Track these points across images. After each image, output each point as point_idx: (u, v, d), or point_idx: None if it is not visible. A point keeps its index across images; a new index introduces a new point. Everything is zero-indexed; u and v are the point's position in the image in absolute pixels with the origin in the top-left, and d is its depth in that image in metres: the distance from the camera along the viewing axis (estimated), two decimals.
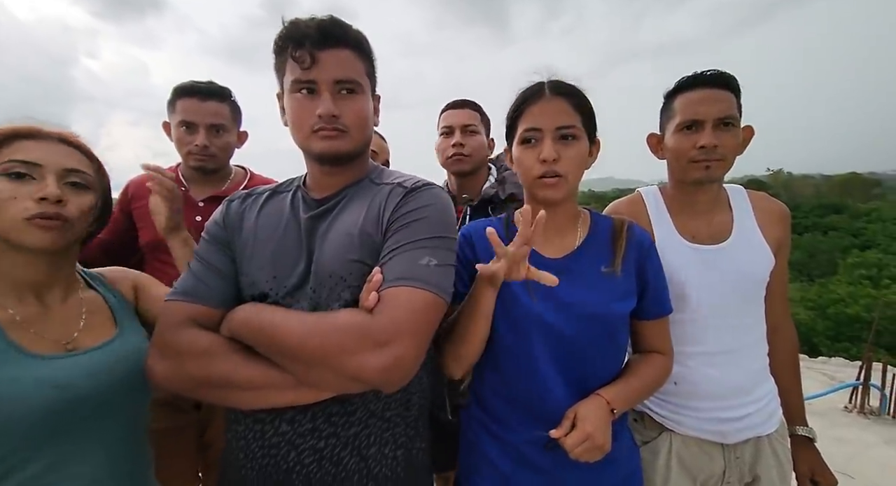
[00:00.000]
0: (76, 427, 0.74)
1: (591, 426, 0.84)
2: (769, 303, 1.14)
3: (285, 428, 0.78)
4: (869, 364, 3.89)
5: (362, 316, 0.70)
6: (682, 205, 1.15)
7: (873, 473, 2.84)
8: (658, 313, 0.98)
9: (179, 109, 1.39)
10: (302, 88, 0.82)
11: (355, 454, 0.80)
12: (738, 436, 1.07)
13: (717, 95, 1.05)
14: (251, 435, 0.80)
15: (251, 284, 0.83)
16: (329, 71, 0.80)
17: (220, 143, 1.42)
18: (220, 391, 0.75)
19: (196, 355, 0.74)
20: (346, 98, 0.83)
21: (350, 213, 0.84)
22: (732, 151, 1.06)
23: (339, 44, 0.81)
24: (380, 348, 0.67)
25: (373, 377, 0.68)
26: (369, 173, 0.92)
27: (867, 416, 3.76)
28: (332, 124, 0.81)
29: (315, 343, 0.69)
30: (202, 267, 0.85)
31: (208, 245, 0.88)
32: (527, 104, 0.93)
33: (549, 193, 0.91)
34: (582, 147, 0.92)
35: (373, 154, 1.64)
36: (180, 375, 0.75)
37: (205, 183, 1.46)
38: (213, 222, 0.91)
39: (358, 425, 0.80)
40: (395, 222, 0.80)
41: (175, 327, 0.77)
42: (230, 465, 0.84)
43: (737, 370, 1.08)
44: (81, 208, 0.81)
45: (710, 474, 1.10)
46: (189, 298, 0.81)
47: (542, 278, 0.78)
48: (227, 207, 0.92)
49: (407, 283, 0.72)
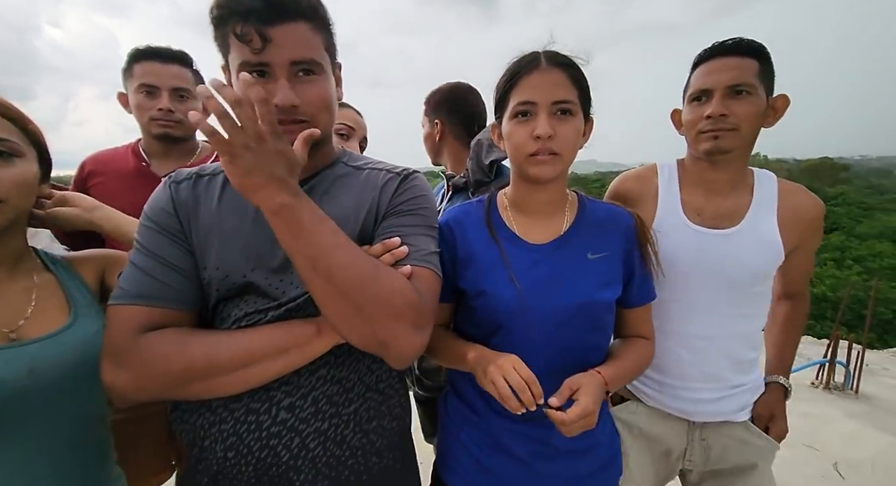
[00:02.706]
0: (8, 428, 0.67)
1: (592, 401, 0.79)
2: (787, 277, 1.17)
3: (284, 415, 0.73)
4: (836, 342, 4.06)
5: (414, 290, 0.69)
6: (694, 181, 1.10)
7: (836, 444, 2.98)
8: (642, 300, 0.96)
9: (138, 73, 1.28)
10: (252, 72, 0.69)
11: (357, 431, 0.78)
12: (703, 416, 1.07)
13: (730, 63, 0.99)
14: (244, 429, 0.73)
15: (224, 278, 0.74)
16: (283, 52, 0.69)
17: (185, 109, 1.31)
18: (201, 383, 0.67)
19: (167, 352, 0.66)
20: (305, 81, 0.72)
21: (337, 198, 0.79)
22: (748, 121, 0.98)
23: (292, 16, 0.69)
24: (420, 330, 0.70)
25: (402, 353, 0.69)
26: (341, 156, 0.86)
27: (832, 391, 3.94)
28: (291, 116, 0.71)
29: (372, 291, 0.65)
30: (153, 262, 0.73)
31: (158, 236, 0.75)
32: (521, 75, 0.85)
33: (543, 171, 0.85)
34: (578, 124, 0.86)
35: (349, 130, 1.55)
36: (150, 381, 0.66)
37: (167, 157, 1.35)
38: (160, 209, 0.77)
39: (357, 400, 0.79)
40: (399, 206, 0.79)
41: (131, 335, 0.67)
42: (207, 472, 0.76)
43: (712, 357, 1.06)
44: (15, 182, 0.71)
45: (668, 447, 1.10)
46: (143, 300, 0.70)
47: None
48: (174, 191, 0.79)
49: (429, 266, 0.74)
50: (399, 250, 0.73)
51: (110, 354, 0.68)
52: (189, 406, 0.77)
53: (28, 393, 0.69)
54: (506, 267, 0.89)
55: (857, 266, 23.57)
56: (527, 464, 0.89)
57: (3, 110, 0.72)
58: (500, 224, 0.95)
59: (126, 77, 1.31)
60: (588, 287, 0.88)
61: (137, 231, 0.77)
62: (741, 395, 1.08)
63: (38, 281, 0.79)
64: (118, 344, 0.68)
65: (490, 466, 0.91)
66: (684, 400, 1.07)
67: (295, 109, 0.72)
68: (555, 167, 0.85)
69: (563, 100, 0.83)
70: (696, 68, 1.05)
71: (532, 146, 0.84)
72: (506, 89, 0.89)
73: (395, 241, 0.73)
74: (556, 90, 0.83)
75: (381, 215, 0.79)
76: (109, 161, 1.35)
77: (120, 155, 1.36)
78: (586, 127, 0.90)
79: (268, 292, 0.74)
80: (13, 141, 0.72)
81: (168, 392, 0.68)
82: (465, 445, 0.94)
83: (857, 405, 3.68)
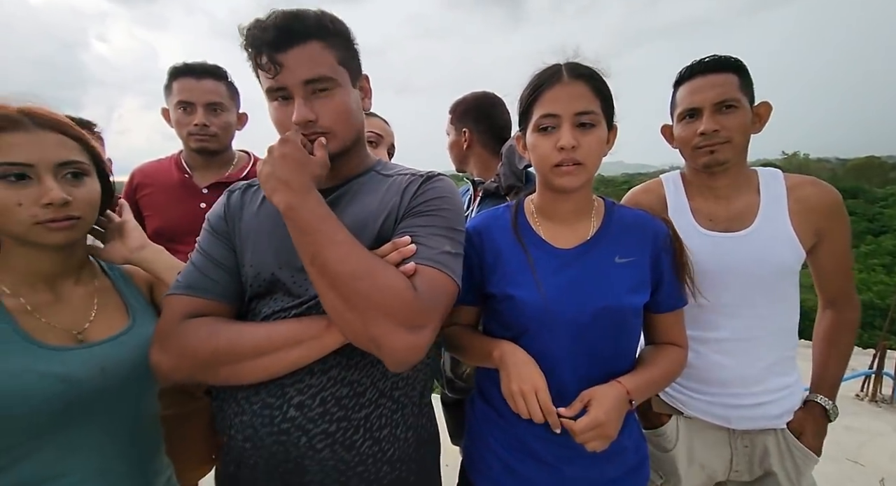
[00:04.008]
0: (83, 420, 0.74)
1: (603, 413, 0.81)
2: (822, 280, 1.13)
3: (294, 413, 0.77)
4: (883, 352, 3.83)
5: (409, 288, 0.70)
6: (700, 190, 1.13)
7: (883, 461, 2.82)
8: (673, 305, 0.95)
9: (176, 91, 1.36)
10: (276, 97, 0.80)
11: (368, 437, 0.80)
12: (745, 424, 1.05)
13: (713, 81, 1.04)
14: (259, 422, 0.78)
15: (256, 275, 0.82)
16: (295, 73, 0.76)
17: (220, 122, 1.39)
18: (226, 367, 0.74)
19: (199, 337, 0.74)
20: (322, 97, 0.79)
21: (362, 203, 0.83)
22: (739, 132, 1.04)
23: (301, 38, 0.76)
24: (415, 330, 0.69)
25: (395, 353, 0.69)
26: (374, 165, 0.91)
27: (879, 404, 3.72)
28: (310, 130, 0.79)
29: (364, 286, 0.68)
30: (205, 260, 0.84)
31: (210, 237, 0.87)
32: (543, 88, 0.88)
33: (568, 181, 0.87)
34: (601, 134, 0.87)
35: (377, 137, 1.61)
36: (185, 361, 0.75)
37: (207, 168, 1.44)
38: (215, 214, 0.90)
39: (368, 406, 0.80)
40: (417, 207, 0.80)
41: (177, 321, 0.77)
42: (233, 460, 0.83)
43: (748, 360, 1.05)
44: (88, 200, 0.79)
45: (717, 462, 1.09)
46: (191, 291, 0.80)
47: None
48: (227, 199, 0.91)
49: (437, 266, 0.74)
50: (407, 248, 0.74)
51: (158, 337, 0.78)
52: (223, 395, 0.84)
53: (102, 390, 0.76)
54: (531, 272, 0.90)
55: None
56: (553, 467, 0.90)
57: (70, 130, 0.78)
58: (527, 229, 0.97)
59: (167, 94, 1.40)
60: (615, 291, 0.88)
61: (200, 233, 0.89)
62: (782, 400, 1.07)
63: (98, 286, 0.87)
64: (164, 328, 0.78)
65: (517, 468, 0.93)
66: (725, 406, 1.06)
67: (312, 123, 0.78)
68: (579, 177, 0.87)
69: (586, 110, 0.85)
70: (679, 87, 1.11)
71: (556, 157, 0.86)
72: (529, 102, 0.91)
73: (405, 240, 0.75)
74: (579, 102, 0.85)
75: (401, 217, 0.81)
76: (155, 173, 1.45)
77: (164, 167, 1.46)
78: (610, 135, 0.92)
79: (292, 290, 0.80)
80: (81, 161, 0.79)
81: (199, 374, 0.76)
82: (492, 448, 0.96)
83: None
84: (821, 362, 1.14)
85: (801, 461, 1.07)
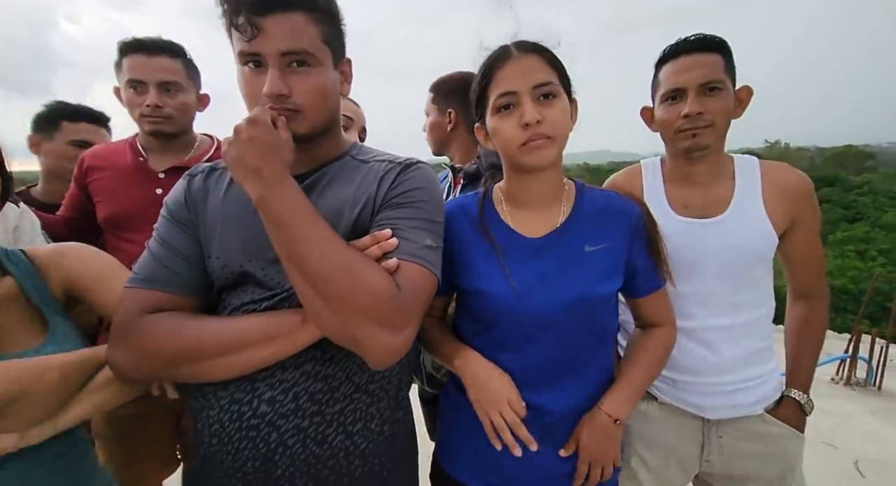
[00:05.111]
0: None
1: (595, 443, 0.86)
2: (794, 270, 1.13)
3: (265, 409, 0.73)
4: (858, 337, 3.94)
5: (392, 286, 0.66)
6: (677, 176, 1.12)
7: (857, 442, 2.90)
8: (651, 288, 0.93)
9: (126, 68, 1.26)
10: (248, 62, 0.73)
11: (341, 431, 0.77)
12: (719, 413, 1.04)
13: (699, 61, 1.01)
14: (226, 418, 0.74)
15: (223, 267, 0.76)
16: (274, 42, 0.70)
17: (175, 103, 1.29)
18: (190, 366, 0.69)
19: (162, 334, 0.69)
20: (298, 72, 0.73)
21: (336, 191, 0.79)
22: (721, 116, 1.02)
23: (286, 7, 0.70)
24: (397, 330, 0.66)
25: (376, 353, 0.67)
26: (349, 149, 0.86)
27: (853, 388, 3.83)
28: (280, 104, 0.73)
29: (345, 285, 0.64)
30: (164, 250, 0.78)
31: (170, 225, 0.80)
32: (494, 69, 0.84)
33: (538, 156, 0.83)
34: (563, 104, 0.84)
35: (347, 121, 1.52)
36: (146, 360, 0.69)
37: (164, 152, 1.34)
38: (175, 200, 0.83)
39: (343, 400, 0.77)
40: (396, 198, 0.77)
41: (135, 316, 0.71)
42: (199, 457, 0.79)
43: (721, 349, 1.04)
44: None
45: (689, 449, 1.08)
46: (151, 284, 0.74)
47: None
48: (188, 183, 0.84)
49: (419, 261, 0.71)
50: (388, 243, 0.70)
51: (115, 333, 0.72)
52: (189, 389, 0.80)
53: None
54: (500, 264, 0.87)
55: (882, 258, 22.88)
56: (525, 455, 0.89)
57: None
58: (495, 218, 0.93)
59: (117, 71, 1.29)
60: (585, 281, 0.86)
61: (158, 220, 0.82)
62: (757, 388, 1.06)
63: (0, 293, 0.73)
64: (122, 324, 0.72)
65: (488, 456, 0.91)
66: (699, 394, 1.05)
67: (284, 98, 0.72)
68: (550, 151, 0.83)
69: (544, 82, 0.81)
70: (663, 66, 1.07)
71: (522, 136, 0.81)
72: (482, 86, 0.86)
73: (386, 233, 0.71)
74: (534, 75, 0.81)
75: (378, 207, 0.77)
76: (108, 156, 1.34)
77: (118, 150, 1.36)
78: (571, 107, 0.88)
79: (263, 283, 0.76)
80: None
81: (161, 373, 0.72)
82: (464, 436, 0.94)
83: (879, 402, 3.57)
84: (794, 357, 1.14)
85: (785, 440, 1.06)
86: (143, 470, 1.31)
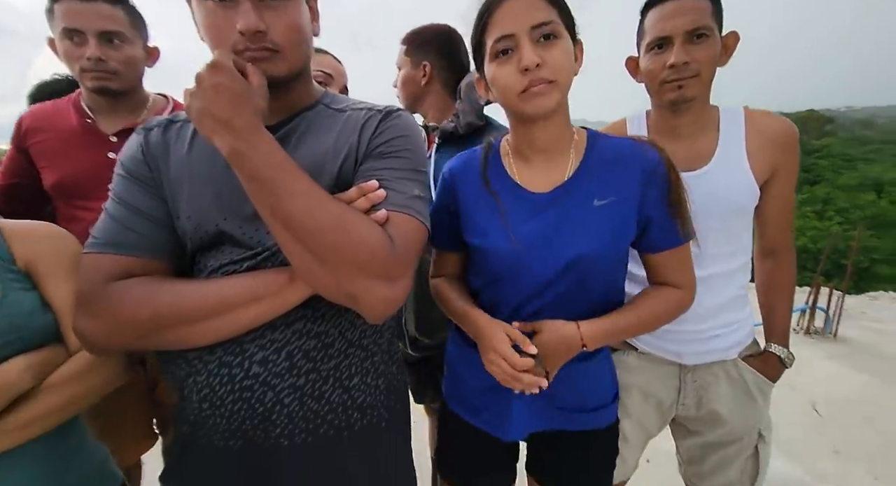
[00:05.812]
0: None
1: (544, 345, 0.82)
2: (764, 227, 1.12)
3: (257, 370, 0.70)
4: (817, 290, 4.18)
5: (386, 239, 0.64)
6: (662, 129, 1.09)
7: (813, 383, 3.13)
8: (668, 244, 0.85)
9: (60, 14, 1.10)
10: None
11: (338, 387, 0.75)
12: (696, 358, 1.07)
13: (685, 6, 0.96)
14: (216, 382, 0.71)
15: (195, 228, 0.71)
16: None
17: (120, 57, 1.15)
18: (170, 332, 0.65)
19: (134, 300, 0.64)
20: (273, 6, 0.66)
21: (314, 142, 0.73)
22: (708, 65, 0.98)
23: None
24: (392, 282, 0.65)
25: (374, 308, 0.65)
26: (322, 97, 0.80)
27: (812, 336, 4.10)
28: (258, 43, 0.65)
29: (336, 239, 0.61)
30: (125, 211, 0.70)
31: (130, 184, 0.73)
32: (491, 11, 0.78)
33: (540, 102, 0.77)
34: (566, 45, 0.78)
35: (327, 77, 1.44)
36: (119, 328, 0.64)
37: (114, 112, 1.20)
38: (131, 157, 0.74)
39: (338, 356, 0.75)
40: (379, 147, 0.73)
41: (101, 283, 0.65)
42: (188, 422, 0.76)
43: (701, 298, 1.03)
44: None
45: (659, 399, 1.11)
46: (114, 249, 0.68)
47: None
48: (145, 138, 0.75)
49: (409, 212, 0.68)
50: (376, 194, 0.67)
51: (81, 302, 0.66)
52: (169, 357, 0.75)
53: None
54: (501, 220, 0.85)
55: (838, 217, 24.10)
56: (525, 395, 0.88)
57: None
58: (501, 173, 0.90)
59: (49, 20, 1.14)
60: (590, 239, 0.82)
61: (113, 180, 0.74)
62: (732, 334, 1.08)
63: None
64: (88, 293, 0.65)
65: (491, 399, 0.93)
66: (677, 342, 1.07)
67: (262, 35, 0.65)
68: (552, 96, 0.78)
69: (543, 21, 0.75)
70: (649, 12, 1.02)
71: (521, 82, 0.76)
72: (479, 32, 0.81)
73: (373, 184, 0.68)
74: (533, 14, 0.75)
75: (361, 158, 0.73)
76: (51, 117, 1.21)
77: (61, 110, 1.22)
78: (576, 49, 0.82)
79: (242, 242, 0.71)
80: None
81: (138, 342, 0.66)
82: (467, 378, 0.96)
83: (835, 348, 3.84)
84: (769, 312, 1.15)
85: (755, 386, 1.10)
86: (120, 444, 1.28)
